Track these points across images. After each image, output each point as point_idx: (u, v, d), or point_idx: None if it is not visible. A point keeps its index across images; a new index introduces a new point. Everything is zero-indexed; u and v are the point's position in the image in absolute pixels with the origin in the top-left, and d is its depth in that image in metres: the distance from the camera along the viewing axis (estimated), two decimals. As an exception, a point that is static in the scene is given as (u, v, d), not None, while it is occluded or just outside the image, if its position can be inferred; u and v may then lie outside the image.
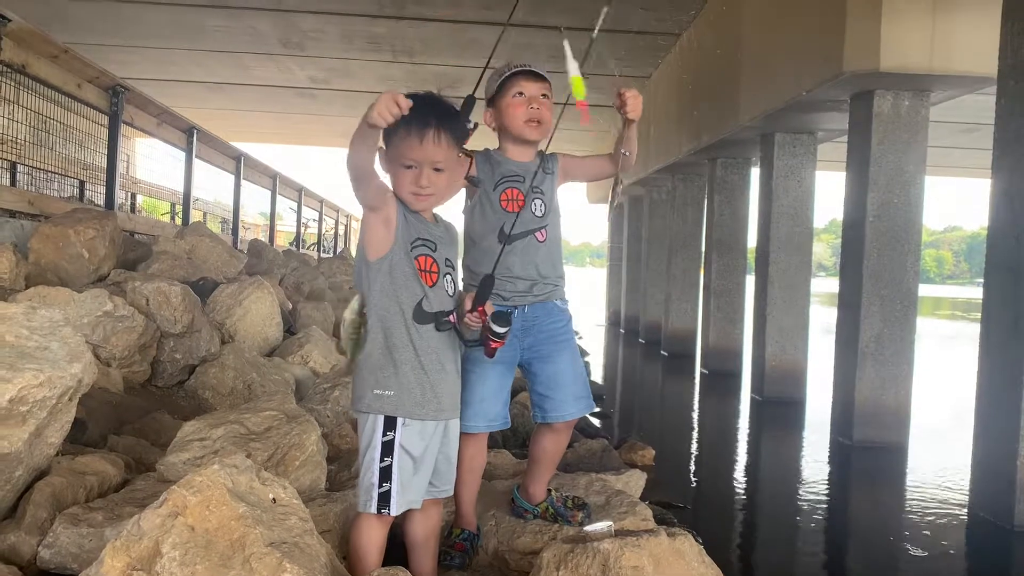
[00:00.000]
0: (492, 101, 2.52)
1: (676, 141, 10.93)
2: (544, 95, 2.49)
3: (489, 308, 2.16)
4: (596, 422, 6.66)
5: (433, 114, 2.05)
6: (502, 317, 2.21)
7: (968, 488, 4.77)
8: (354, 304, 1.99)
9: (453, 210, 2.47)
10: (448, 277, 2.17)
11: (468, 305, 2.15)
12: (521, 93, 2.46)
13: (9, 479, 2.13)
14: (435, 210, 2.23)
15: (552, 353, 2.53)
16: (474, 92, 2.44)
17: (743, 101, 8.12)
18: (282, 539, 1.75)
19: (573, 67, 2.22)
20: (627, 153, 2.44)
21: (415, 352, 2.09)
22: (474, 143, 2.32)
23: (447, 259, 2.19)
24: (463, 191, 2.52)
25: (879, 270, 6.36)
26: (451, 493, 2.28)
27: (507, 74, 2.47)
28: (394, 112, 1.87)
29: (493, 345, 2.22)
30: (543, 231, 2.52)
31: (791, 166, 8.43)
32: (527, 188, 2.47)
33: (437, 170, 2.08)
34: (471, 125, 2.25)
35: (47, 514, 2.12)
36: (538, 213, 2.51)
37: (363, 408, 2.07)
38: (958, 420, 6.39)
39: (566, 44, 2.24)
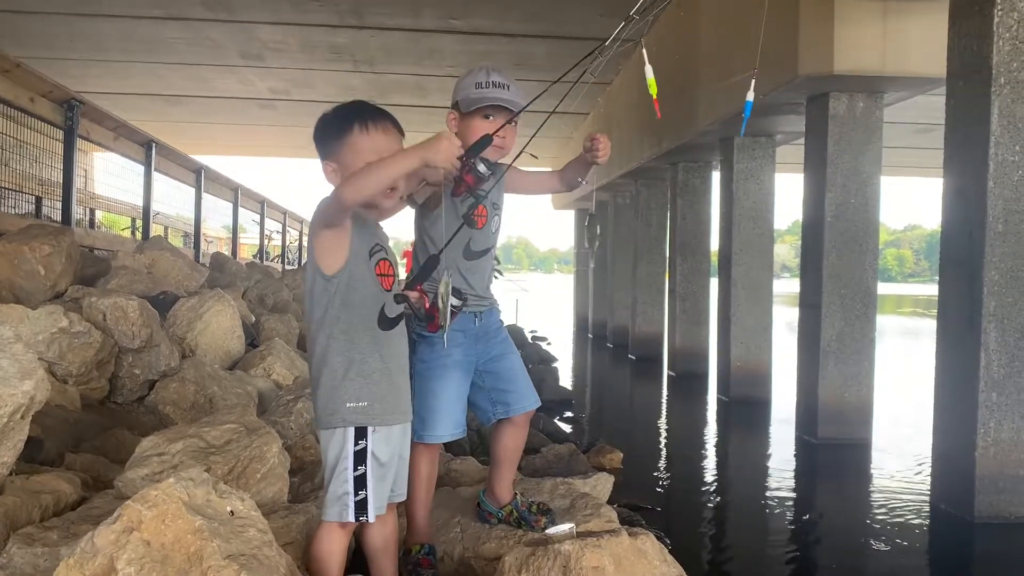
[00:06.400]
0: (456, 106, 2.48)
1: (638, 146, 11.02)
2: (512, 121, 2.45)
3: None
4: (565, 427, 6.68)
5: (380, 109, 2.12)
6: (456, 292, 2.23)
7: (929, 481, 4.86)
8: (445, 278, 2.02)
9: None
10: (397, 279, 2.18)
11: (403, 285, 2.16)
12: (489, 116, 2.45)
13: (-40, 500, 2.08)
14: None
15: (504, 351, 2.61)
16: (491, 135, 2.34)
17: (702, 106, 8.21)
18: (240, 551, 1.73)
19: (649, 71, 2.39)
20: (583, 182, 2.55)
21: (382, 359, 2.09)
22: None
23: (395, 260, 2.21)
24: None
25: (839, 270, 6.46)
26: (404, 497, 2.27)
27: (483, 104, 2.42)
28: (458, 156, 1.97)
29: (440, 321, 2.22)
30: (493, 248, 2.61)
31: (751, 169, 8.55)
32: (489, 204, 2.51)
33: None
34: (484, 170, 2.25)
35: (0, 534, 2.08)
36: (493, 230, 2.58)
37: (337, 423, 2.04)
38: (920, 415, 6.49)
39: (644, 51, 2.40)
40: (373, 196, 2.01)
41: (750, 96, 2.67)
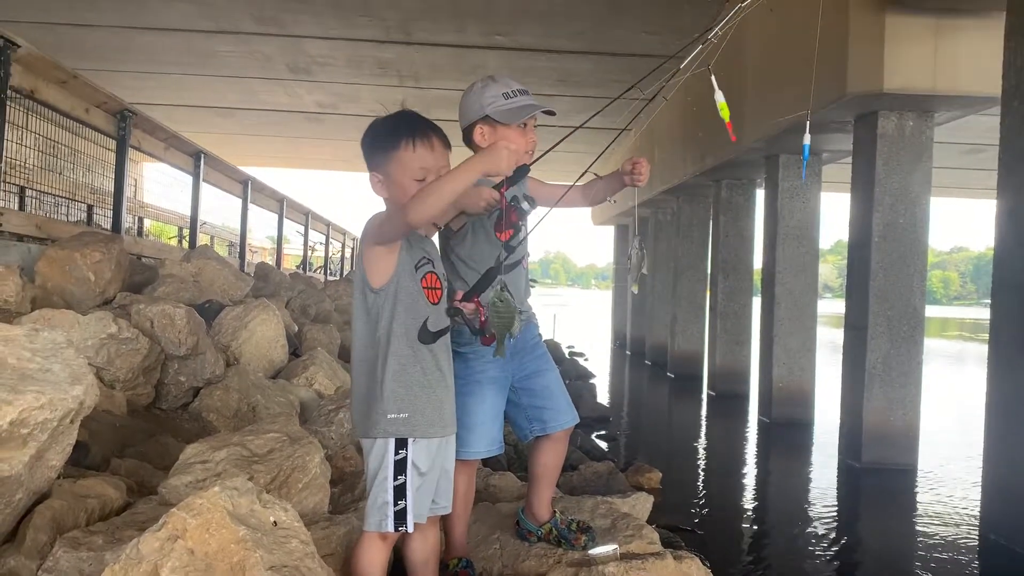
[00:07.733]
0: (484, 121, 2.47)
1: (681, 163, 10.94)
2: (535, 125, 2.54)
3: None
4: (603, 444, 6.62)
5: (428, 123, 2.11)
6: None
7: (979, 510, 4.72)
8: (496, 288, 2.03)
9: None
10: (445, 292, 2.18)
11: (459, 296, 2.16)
12: (525, 124, 2.49)
13: (9, 502, 2.11)
14: None
15: (540, 367, 2.58)
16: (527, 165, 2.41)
17: (747, 123, 8.14)
18: (283, 563, 1.73)
19: (720, 96, 2.40)
20: (612, 200, 2.57)
21: (423, 372, 2.09)
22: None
23: (443, 273, 2.20)
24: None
25: (885, 291, 6.33)
26: (450, 510, 2.26)
27: (534, 113, 2.47)
28: (515, 166, 2.02)
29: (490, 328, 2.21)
30: (525, 258, 2.58)
31: (796, 187, 8.44)
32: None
33: None
34: (527, 207, 2.32)
35: (47, 538, 2.10)
36: (521, 239, 2.54)
37: (378, 434, 2.05)
38: (968, 441, 6.32)
39: (713, 78, 2.39)
40: (439, 213, 2.01)
41: (806, 139, 2.64)
